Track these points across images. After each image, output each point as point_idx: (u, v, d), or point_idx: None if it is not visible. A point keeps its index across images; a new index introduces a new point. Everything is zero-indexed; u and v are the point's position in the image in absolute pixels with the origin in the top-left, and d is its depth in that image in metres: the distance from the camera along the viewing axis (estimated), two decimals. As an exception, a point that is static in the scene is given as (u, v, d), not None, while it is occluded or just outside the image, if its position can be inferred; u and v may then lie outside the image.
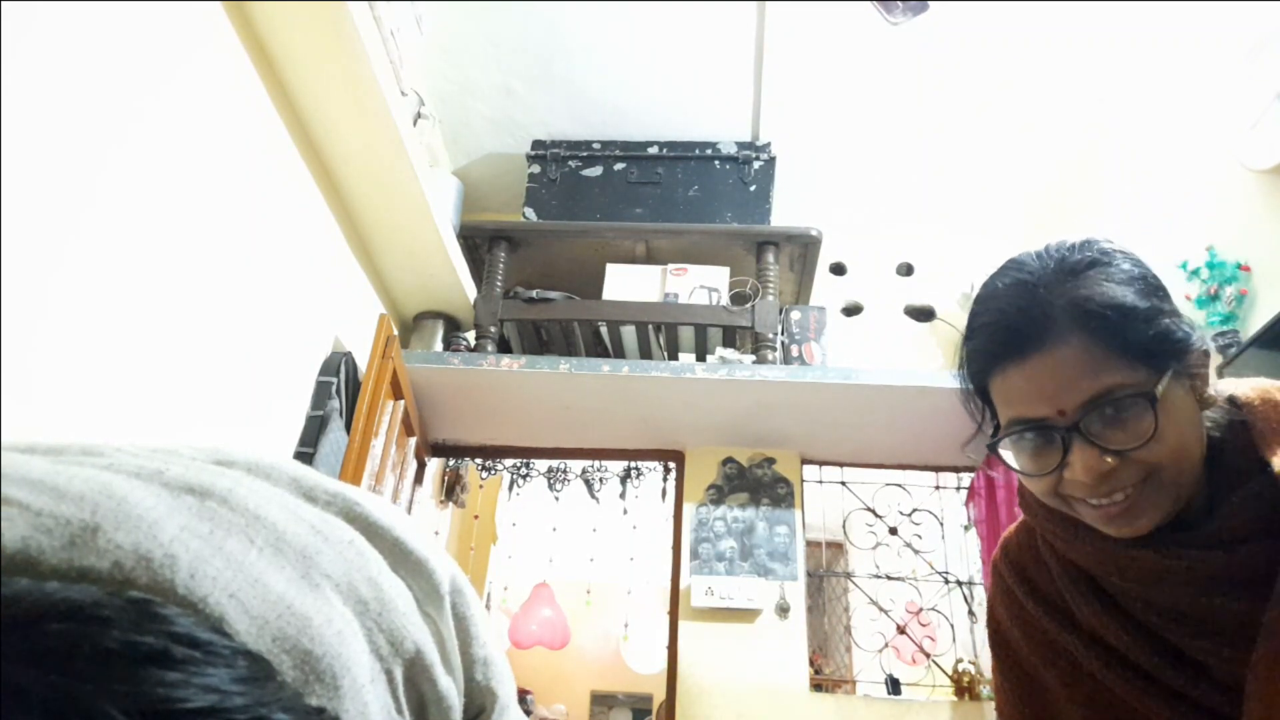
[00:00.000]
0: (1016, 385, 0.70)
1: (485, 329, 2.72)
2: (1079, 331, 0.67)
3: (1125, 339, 0.66)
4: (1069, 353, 0.67)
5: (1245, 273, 2.05)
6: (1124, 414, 0.66)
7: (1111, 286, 0.69)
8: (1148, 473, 0.67)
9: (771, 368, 2.61)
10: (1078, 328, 0.67)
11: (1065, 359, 0.67)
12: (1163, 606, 0.72)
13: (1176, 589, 0.70)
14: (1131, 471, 0.67)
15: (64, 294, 1.25)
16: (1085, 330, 0.67)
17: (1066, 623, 0.79)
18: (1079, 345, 0.67)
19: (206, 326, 1.63)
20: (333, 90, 1.88)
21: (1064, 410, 0.67)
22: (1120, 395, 0.65)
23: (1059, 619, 0.79)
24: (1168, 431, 0.66)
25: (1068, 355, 0.67)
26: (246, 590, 0.30)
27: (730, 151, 3.03)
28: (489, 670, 0.43)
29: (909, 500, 3.06)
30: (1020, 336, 0.69)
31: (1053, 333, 0.68)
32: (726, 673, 2.70)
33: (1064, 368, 0.67)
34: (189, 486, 0.33)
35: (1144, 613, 0.73)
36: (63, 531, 0.28)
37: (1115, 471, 0.66)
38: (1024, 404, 0.69)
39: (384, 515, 0.39)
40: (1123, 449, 0.66)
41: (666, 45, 2.80)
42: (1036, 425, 0.69)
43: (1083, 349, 0.67)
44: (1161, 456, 0.66)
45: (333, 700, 0.31)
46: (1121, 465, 0.66)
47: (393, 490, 2.51)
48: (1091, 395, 0.66)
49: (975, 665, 2.84)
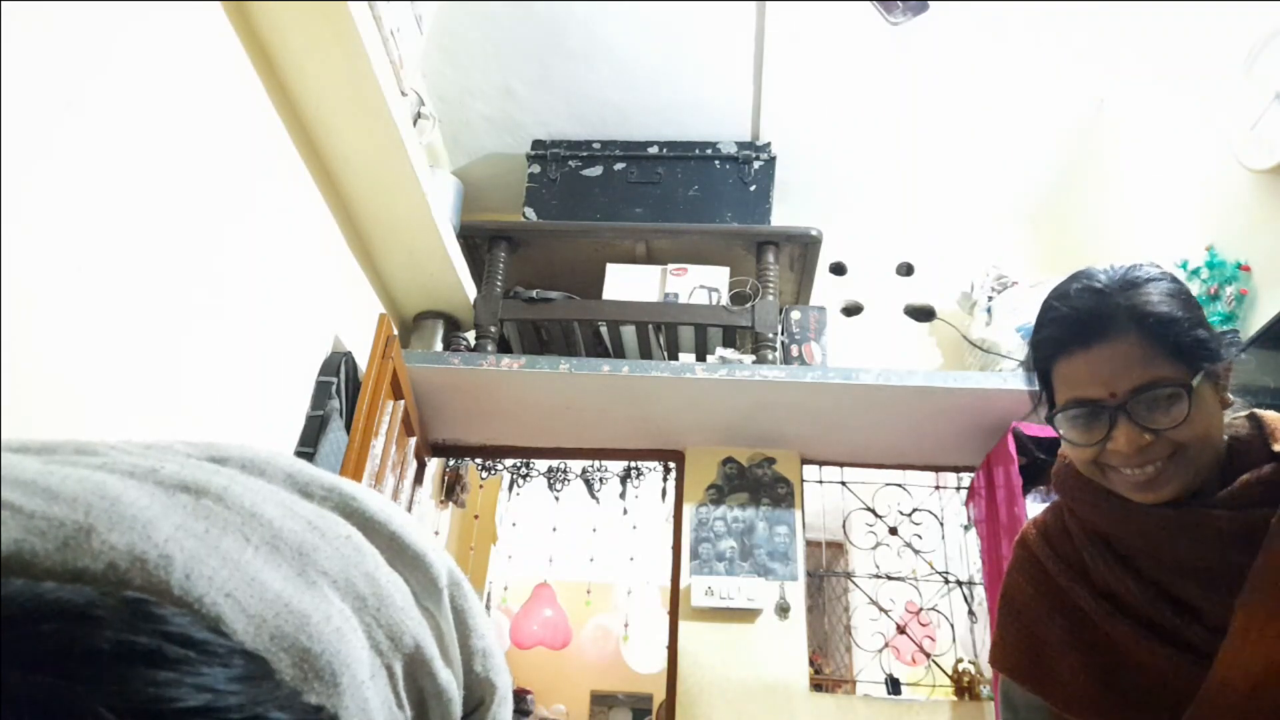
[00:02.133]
0: (1079, 369, 0.85)
1: (485, 329, 2.72)
2: (1136, 331, 0.83)
3: (1171, 341, 0.82)
4: (1125, 347, 0.83)
5: (1245, 272, 2.05)
6: (1164, 401, 0.82)
7: (1164, 298, 0.85)
8: (1175, 450, 0.83)
9: (771, 368, 2.61)
10: (1135, 327, 0.83)
11: (1121, 352, 0.83)
12: (1171, 561, 0.86)
13: (1186, 544, 0.84)
14: (1162, 447, 0.83)
15: (64, 294, 1.25)
16: (1140, 330, 0.83)
17: (1082, 581, 0.93)
18: (1134, 342, 0.83)
19: (206, 326, 1.63)
20: (333, 90, 1.88)
21: (1115, 393, 0.83)
22: (1163, 385, 0.82)
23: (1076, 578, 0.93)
24: (1196, 419, 0.82)
25: (1124, 349, 0.83)
26: (243, 589, 0.30)
27: (730, 151, 3.03)
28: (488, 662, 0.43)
29: (909, 500, 3.06)
30: (1087, 329, 0.85)
31: (1114, 329, 0.84)
32: (726, 672, 2.70)
33: (1120, 358, 0.83)
34: (183, 485, 0.33)
35: (1153, 569, 0.87)
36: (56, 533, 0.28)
37: (1150, 446, 0.83)
38: (1083, 386, 0.85)
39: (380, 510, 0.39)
40: (1159, 429, 0.82)
41: (666, 45, 2.80)
42: (1091, 404, 0.85)
43: (1137, 345, 0.83)
44: (1189, 438, 0.82)
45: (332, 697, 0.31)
46: (1155, 442, 0.82)
47: (393, 490, 2.51)
48: (1140, 383, 0.82)
49: (975, 665, 2.84)
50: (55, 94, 1.22)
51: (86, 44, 1.28)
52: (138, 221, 1.41)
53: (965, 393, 2.57)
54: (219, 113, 1.65)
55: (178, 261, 1.53)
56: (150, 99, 1.43)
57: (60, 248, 1.24)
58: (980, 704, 2.71)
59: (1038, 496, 2.71)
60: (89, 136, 1.29)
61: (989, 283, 2.88)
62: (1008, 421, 2.60)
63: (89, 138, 1.29)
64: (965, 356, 2.98)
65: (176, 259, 1.52)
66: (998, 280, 2.87)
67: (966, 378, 2.57)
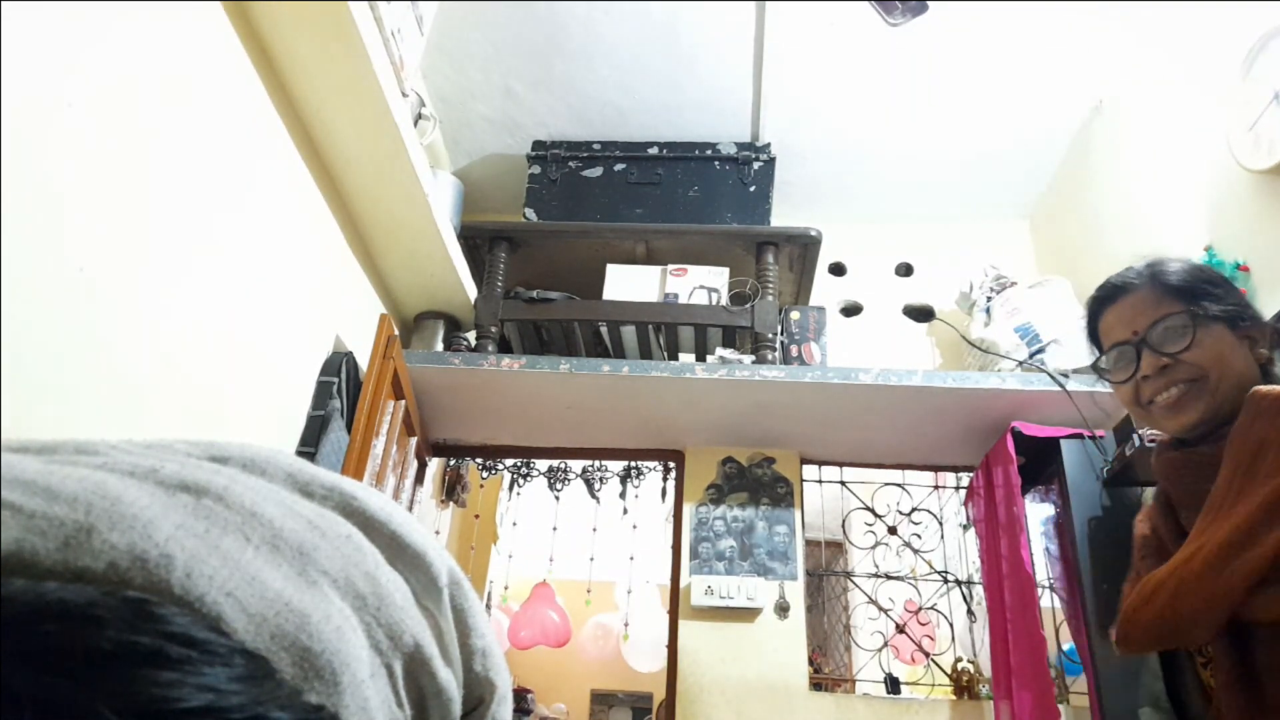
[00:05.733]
0: (1110, 320, 1.11)
1: (486, 329, 2.72)
2: (1149, 284, 1.07)
3: (1178, 287, 1.04)
4: (1139, 295, 1.07)
5: (1244, 273, 2.05)
6: (1175, 331, 1.02)
7: (1177, 265, 1.09)
8: (1194, 375, 1.01)
9: (771, 368, 2.61)
10: (1148, 281, 1.07)
11: (1137, 299, 1.07)
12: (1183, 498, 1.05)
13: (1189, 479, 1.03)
14: (1181, 371, 1.02)
15: (64, 294, 1.25)
16: (1153, 283, 1.07)
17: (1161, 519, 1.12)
18: (1146, 291, 1.07)
19: (207, 326, 1.63)
20: (334, 91, 1.88)
21: (1137, 330, 1.06)
22: (1170, 317, 1.03)
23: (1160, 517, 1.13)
24: (1206, 345, 1.01)
25: (1139, 297, 1.07)
26: (243, 588, 0.30)
27: (730, 152, 3.03)
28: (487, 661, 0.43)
29: (908, 500, 3.06)
30: (1115, 290, 1.11)
31: (1133, 287, 1.09)
32: (726, 671, 2.70)
33: (1138, 304, 1.07)
34: (184, 484, 0.33)
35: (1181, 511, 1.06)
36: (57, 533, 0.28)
37: (1169, 368, 1.02)
38: (1114, 332, 1.10)
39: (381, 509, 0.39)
40: (1173, 352, 1.02)
41: (666, 45, 2.80)
42: (1120, 344, 1.08)
43: (1148, 292, 1.07)
44: (1202, 361, 1.01)
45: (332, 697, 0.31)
46: (1173, 365, 1.02)
47: (393, 490, 2.51)
48: (1152, 319, 1.05)
49: (974, 664, 2.84)
50: (55, 94, 1.22)
51: (87, 44, 1.28)
52: (138, 222, 1.41)
53: (964, 393, 2.57)
54: (219, 113, 1.65)
55: (178, 261, 1.53)
56: (150, 99, 1.43)
57: (60, 248, 1.24)
58: (979, 703, 2.71)
59: (1036, 496, 2.71)
60: (89, 136, 1.29)
61: (988, 283, 2.88)
62: (1007, 421, 2.60)
63: (89, 138, 1.29)
64: (964, 356, 2.98)
65: (177, 259, 1.52)
66: (996, 280, 2.87)
67: (965, 378, 2.57)
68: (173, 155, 1.50)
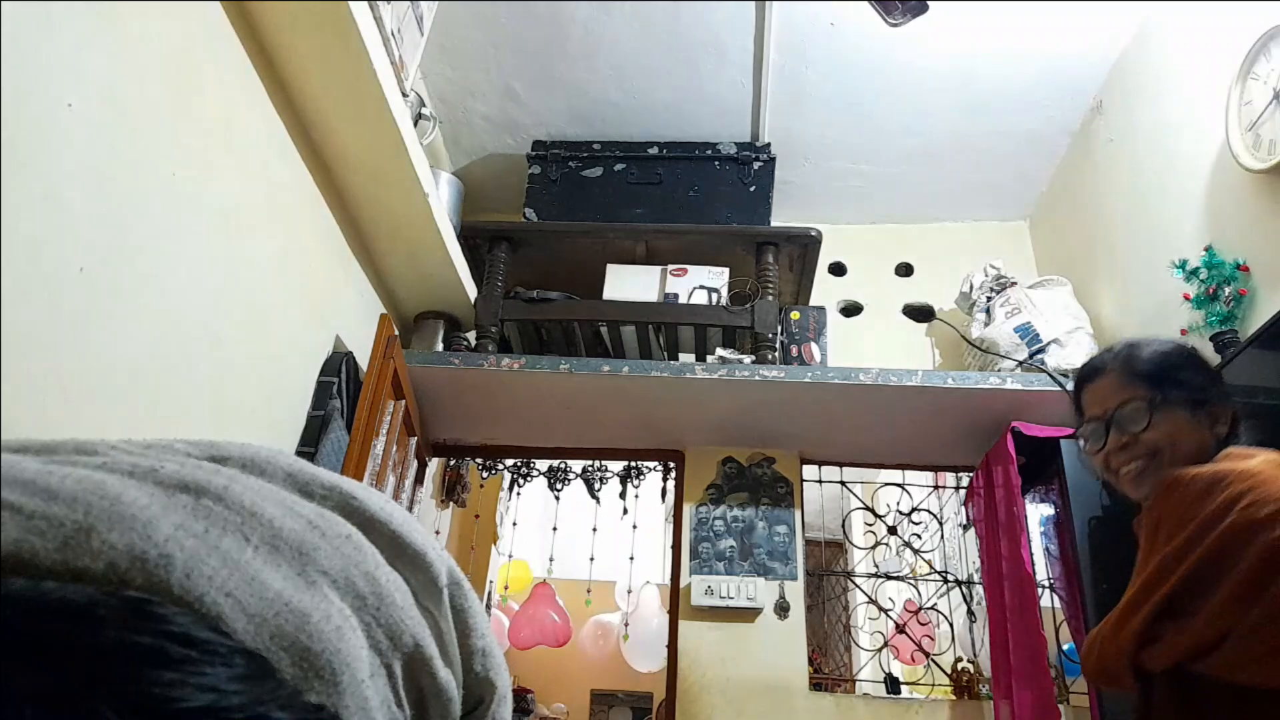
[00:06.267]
0: (1087, 397, 1.25)
1: (486, 329, 2.72)
2: (1119, 369, 1.21)
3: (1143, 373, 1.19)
4: (1110, 378, 1.22)
5: (1244, 273, 2.05)
6: (1136, 413, 1.17)
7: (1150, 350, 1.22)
8: (1151, 452, 1.15)
9: (771, 368, 2.61)
10: (1119, 366, 1.21)
11: (1108, 381, 1.22)
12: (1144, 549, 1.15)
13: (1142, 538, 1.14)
14: (1140, 448, 1.16)
15: (64, 294, 1.25)
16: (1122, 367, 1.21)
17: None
18: (1116, 375, 1.21)
19: (207, 326, 1.63)
20: (334, 91, 1.88)
21: (1106, 410, 1.20)
22: (1132, 401, 1.18)
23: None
24: (1161, 426, 1.15)
25: (1110, 379, 1.22)
26: (243, 588, 0.30)
27: (730, 152, 3.02)
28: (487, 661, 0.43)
29: (908, 500, 3.06)
30: (1093, 371, 1.26)
31: (1106, 369, 1.23)
32: (726, 671, 2.70)
33: (1107, 385, 1.22)
34: (183, 484, 0.33)
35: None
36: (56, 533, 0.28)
37: (1129, 445, 1.16)
38: (1090, 408, 1.24)
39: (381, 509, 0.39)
40: (1132, 431, 1.16)
41: (666, 45, 2.80)
42: (1093, 420, 1.22)
43: (1118, 376, 1.21)
44: (1158, 441, 1.15)
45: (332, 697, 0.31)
46: (1133, 443, 1.16)
47: (393, 490, 2.51)
48: (1119, 401, 1.19)
49: (974, 664, 2.84)
50: (56, 94, 1.22)
51: (87, 44, 1.28)
52: (139, 222, 1.41)
53: (964, 392, 2.57)
54: (219, 113, 1.65)
55: (178, 261, 1.53)
56: (150, 99, 1.43)
57: (61, 248, 1.24)
58: (980, 703, 2.71)
59: (1036, 496, 2.71)
60: (89, 136, 1.29)
61: (988, 283, 2.88)
62: (1006, 421, 2.60)
63: (89, 138, 1.29)
64: (964, 356, 2.98)
65: (177, 259, 1.52)
66: (996, 280, 2.87)
67: (965, 378, 2.57)
68: (172, 155, 1.50)
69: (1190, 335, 2.21)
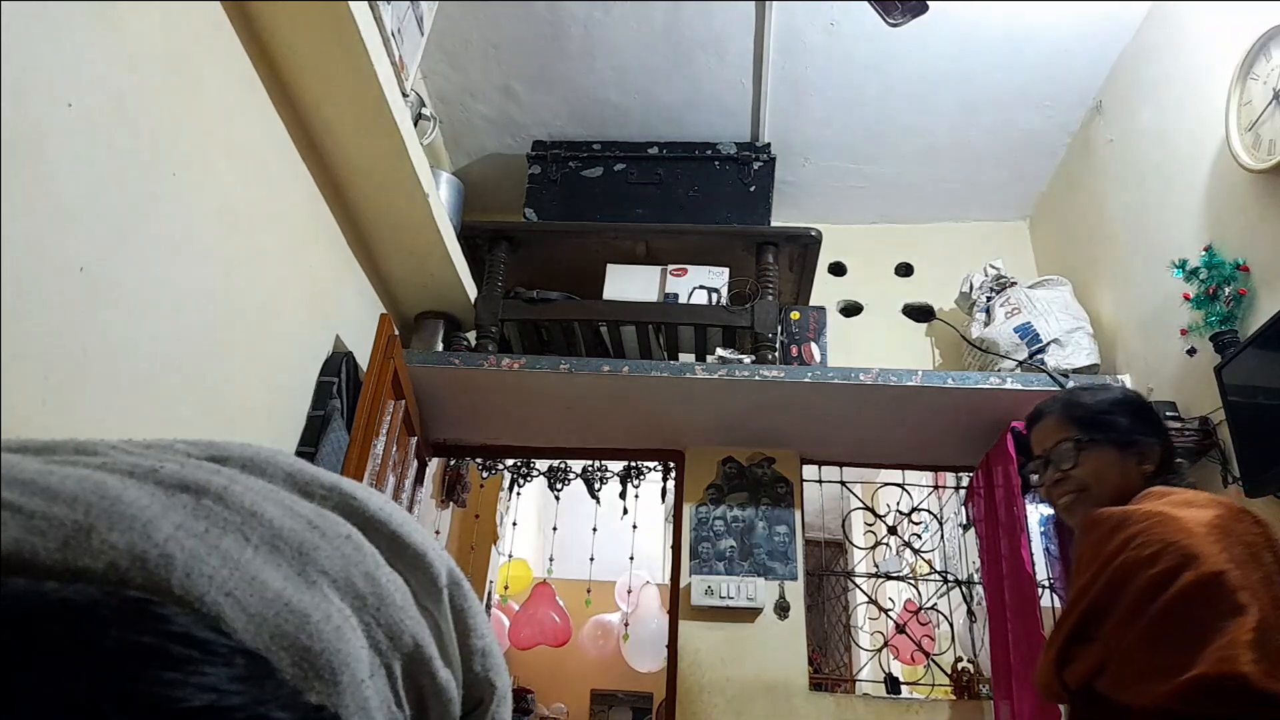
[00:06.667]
0: (1033, 437, 1.41)
1: (486, 329, 2.72)
2: (1058, 413, 1.38)
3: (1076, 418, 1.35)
4: (1050, 421, 1.39)
5: (1244, 272, 2.05)
6: (1065, 452, 1.34)
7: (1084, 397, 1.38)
8: (1079, 488, 1.32)
9: (771, 368, 2.61)
10: (1057, 410, 1.38)
11: (1048, 423, 1.39)
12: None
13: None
14: (1070, 484, 1.33)
15: (64, 294, 1.25)
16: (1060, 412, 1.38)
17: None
18: (1054, 418, 1.38)
19: (207, 326, 1.63)
20: (335, 91, 1.88)
21: (1045, 449, 1.37)
22: (1064, 442, 1.34)
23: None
24: (1088, 464, 1.31)
25: (1049, 422, 1.39)
26: (243, 588, 0.30)
27: (730, 152, 3.03)
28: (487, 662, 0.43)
29: (908, 500, 3.06)
30: (1039, 414, 1.41)
31: (1048, 414, 1.39)
32: (726, 671, 2.70)
33: (1047, 428, 1.38)
34: (184, 484, 0.33)
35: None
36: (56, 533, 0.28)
37: (1062, 481, 1.34)
38: (1035, 447, 1.40)
39: (381, 509, 0.39)
40: (1064, 469, 1.34)
41: (666, 45, 2.80)
42: (1036, 458, 1.40)
43: (1055, 419, 1.37)
44: (1085, 477, 1.31)
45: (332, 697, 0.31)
46: (1065, 479, 1.33)
47: (393, 490, 2.51)
48: (1055, 442, 1.36)
49: (974, 664, 2.84)
50: (56, 94, 1.22)
51: (87, 44, 1.28)
52: (139, 222, 1.41)
53: (964, 392, 2.57)
54: (219, 113, 1.65)
55: (178, 261, 1.53)
56: (150, 99, 1.43)
57: (61, 248, 1.24)
58: (980, 703, 2.71)
59: (1036, 496, 2.71)
60: (89, 136, 1.29)
61: (987, 283, 2.88)
62: (1006, 421, 2.60)
63: (89, 138, 1.29)
64: (964, 356, 2.98)
65: (177, 259, 1.52)
66: (996, 280, 2.87)
67: (965, 378, 2.57)
68: (172, 155, 1.50)
69: (1190, 335, 2.22)
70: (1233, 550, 1.05)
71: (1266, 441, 1.84)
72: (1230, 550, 1.05)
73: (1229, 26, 2.17)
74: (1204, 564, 1.02)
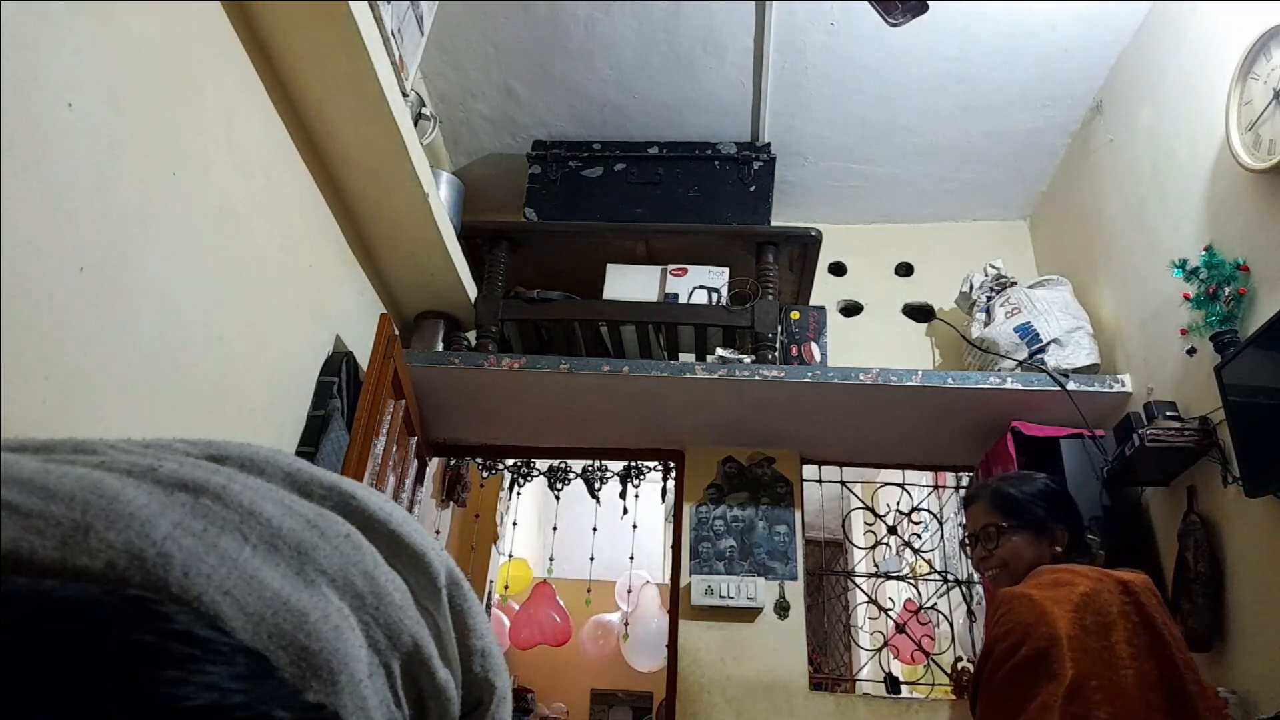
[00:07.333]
0: (968, 516, 1.66)
1: (486, 329, 2.72)
2: (986, 499, 1.61)
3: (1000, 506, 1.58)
4: (979, 505, 1.61)
5: (1244, 272, 2.05)
6: (988, 534, 1.57)
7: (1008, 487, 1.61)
8: (1000, 564, 1.55)
9: (771, 368, 2.61)
10: (987, 496, 1.61)
11: (978, 507, 1.62)
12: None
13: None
14: (993, 560, 1.56)
15: (64, 294, 1.25)
16: (988, 499, 1.61)
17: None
18: (983, 503, 1.61)
19: (208, 326, 1.63)
20: (335, 91, 1.88)
21: (975, 531, 1.61)
22: (988, 526, 1.58)
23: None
24: (1007, 545, 1.55)
25: (978, 506, 1.61)
26: (241, 587, 0.30)
27: (730, 152, 3.02)
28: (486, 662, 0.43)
29: (908, 500, 3.06)
30: (972, 497, 1.66)
31: (979, 498, 1.63)
32: (726, 671, 2.70)
33: (977, 510, 1.62)
34: (182, 483, 0.33)
35: None
36: (54, 532, 0.28)
37: (986, 559, 1.58)
38: (968, 526, 1.65)
39: (380, 508, 0.39)
40: (987, 548, 1.57)
41: (666, 45, 2.80)
42: (970, 536, 1.64)
43: (983, 504, 1.60)
44: (1005, 556, 1.54)
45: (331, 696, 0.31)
46: (989, 556, 1.57)
47: (393, 489, 2.51)
48: (981, 526, 1.59)
49: (974, 664, 2.84)
50: (56, 94, 1.22)
51: (87, 44, 1.28)
52: (139, 222, 1.41)
53: (964, 392, 2.57)
54: (219, 113, 1.65)
55: (178, 261, 1.53)
56: (150, 99, 1.43)
57: (61, 248, 1.24)
58: (979, 703, 2.70)
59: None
60: (89, 136, 1.29)
61: (987, 282, 2.88)
62: (1006, 421, 2.60)
63: (89, 138, 1.29)
64: (964, 356, 2.98)
65: (177, 259, 1.53)
66: (996, 280, 2.87)
67: (965, 377, 2.57)
68: (172, 155, 1.50)
69: (1190, 335, 2.21)
70: (1083, 622, 1.28)
71: (1266, 441, 1.84)
72: (1081, 623, 1.27)
73: (1229, 26, 2.17)
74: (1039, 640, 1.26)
